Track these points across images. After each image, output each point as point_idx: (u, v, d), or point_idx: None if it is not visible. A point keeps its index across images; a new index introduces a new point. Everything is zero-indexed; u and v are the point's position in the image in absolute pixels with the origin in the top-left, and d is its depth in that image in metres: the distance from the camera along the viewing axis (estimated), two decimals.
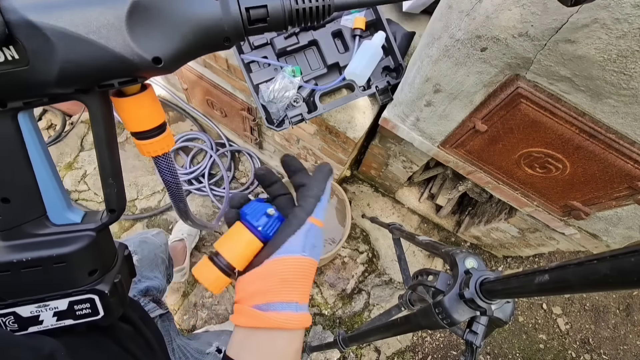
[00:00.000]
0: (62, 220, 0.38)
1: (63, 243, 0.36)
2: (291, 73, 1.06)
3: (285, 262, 0.38)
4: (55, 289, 0.38)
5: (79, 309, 0.39)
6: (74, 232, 0.38)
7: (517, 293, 0.50)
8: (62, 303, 0.38)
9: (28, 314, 0.38)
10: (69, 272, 0.37)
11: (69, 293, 0.38)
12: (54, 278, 0.37)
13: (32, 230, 0.36)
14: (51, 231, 0.37)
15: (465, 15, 0.75)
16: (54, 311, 0.38)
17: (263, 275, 0.38)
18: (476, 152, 1.09)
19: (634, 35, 0.58)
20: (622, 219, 0.97)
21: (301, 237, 0.38)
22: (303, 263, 0.38)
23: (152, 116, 0.37)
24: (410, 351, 1.72)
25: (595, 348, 1.78)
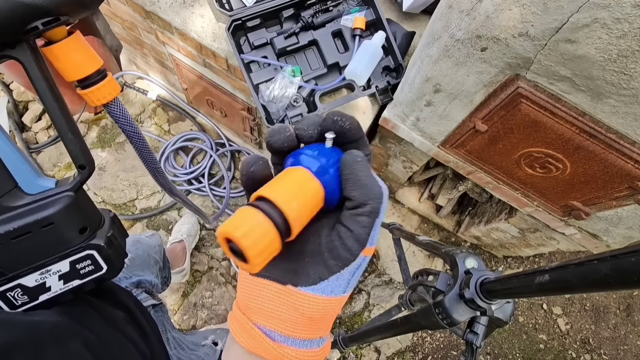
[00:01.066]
0: (36, 189, 0.37)
1: (45, 207, 0.36)
2: (291, 73, 1.06)
3: (318, 302, 0.28)
4: (52, 252, 0.38)
5: (81, 267, 0.40)
6: (52, 196, 0.37)
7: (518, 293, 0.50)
8: (64, 265, 0.39)
9: (34, 283, 0.38)
10: (59, 233, 0.37)
11: (66, 254, 0.38)
12: (47, 241, 0.37)
13: (9, 204, 0.36)
14: (28, 200, 0.36)
15: (466, 15, 0.75)
16: (58, 275, 0.39)
17: (284, 299, 0.29)
18: (476, 152, 1.08)
19: (634, 35, 0.58)
20: (623, 219, 0.97)
21: (347, 276, 0.29)
22: (339, 303, 0.30)
23: (88, 60, 0.37)
24: (411, 351, 1.72)
25: (596, 348, 1.78)
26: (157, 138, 1.95)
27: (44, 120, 1.95)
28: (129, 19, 1.44)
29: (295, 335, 0.29)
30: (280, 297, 0.29)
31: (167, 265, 1.23)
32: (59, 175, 1.90)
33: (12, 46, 0.32)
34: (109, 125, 2.00)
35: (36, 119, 1.94)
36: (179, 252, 1.64)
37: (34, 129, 1.93)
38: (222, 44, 1.17)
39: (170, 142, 1.90)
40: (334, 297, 0.29)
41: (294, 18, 1.09)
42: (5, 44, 0.32)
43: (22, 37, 0.32)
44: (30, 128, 1.93)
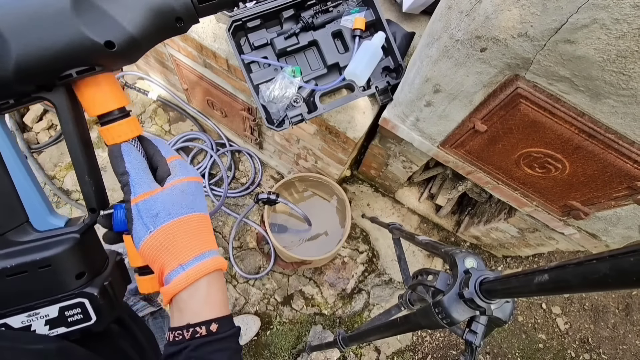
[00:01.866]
0: (45, 226, 0.38)
1: (47, 247, 0.36)
2: (291, 73, 1.06)
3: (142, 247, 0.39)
4: (43, 295, 0.37)
5: (70, 314, 0.38)
6: (58, 236, 0.37)
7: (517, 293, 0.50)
8: (53, 310, 0.37)
9: (19, 325, 0.37)
10: (55, 276, 0.36)
11: (58, 298, 0.37)
12: (41, 283, 0.36)
13: (16, 238, 0.36)
14: (34, 237, 0.36)
15: (465, 16, 0.75)
16: (45, 319, 0.37)
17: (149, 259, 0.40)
18: (476, 152, 1.09)
19: (633, 36, 0.58)
20: (622, 219, 0.98)
21: (138, 224, 0.39)
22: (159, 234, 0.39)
23: (112, 97, 0.37)
24: (410, 351, 1.72)
25: (595, 347, 1.78)
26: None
27: (45, 121, 1.95)
28: None
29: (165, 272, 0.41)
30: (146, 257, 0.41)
31: None
32: (59, 175, 1.90)
33: (48, 89, 0.33)
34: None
35: (37, 119, 1.94)
36: None
37: (35, 129, 1.93)
38: (223, 45, 1.17)
39: (171, 143, 1.90)
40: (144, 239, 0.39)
41: (294, 19, 1.10)
42: (42, 87, 0.33)
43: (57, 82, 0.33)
44: (31, 128, 1.93)
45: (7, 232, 0.35)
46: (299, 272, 1.78)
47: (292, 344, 1.68)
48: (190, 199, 0.41)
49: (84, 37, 0.30)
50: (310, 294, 1.76)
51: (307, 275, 1.79)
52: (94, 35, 0.30)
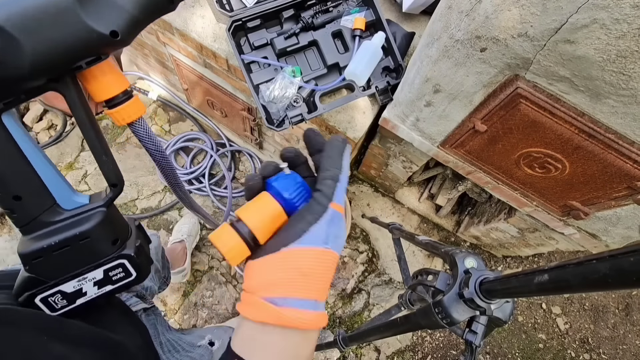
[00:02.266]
0: (73, 205, 0.41)
1: (81, 222, 0.41)
2: (291, 73, 1.06)
3: (306, 254, 0.34)
4: (88, 262, 0.42)
5: (113, 274, 0.45)
6: (87, 212, 0.42)
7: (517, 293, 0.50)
8: (98, 273, 0.44)
9: (72, 289, 0.43)
10: (95, 246, 0.42)
11: (100, 263, 0.43)
12: (84, 253, 0.42)
13: (49, 219, 0.40)
14: (66, 216, 0.40)
15: (465, 16, 0.75)
16: (93, 281, 0.44)
17: (280, 264, 0.34)
18: (476, 152, 1.09)
19: (633, 36, 0.58)
20: (621, 219, 0.98)
21: (324, 226, 0.35)
22: (326, 256, 0.35)
23: (116, 81, 0.39)
24: (410, 351, 1.72)
25: (595, 348, 1.78)
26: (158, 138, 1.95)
27: (45, 121, 1.95)
28: None
29: (291, 295, 0.34)
30: (275, 263, 0.34)
31: (167, 265, 1.23)
32: None
33: (56, 80, 0.35)
34: (109, 126, 2.01)
35: (37, 119, 1.94)
36: (180, 252, 1.64)
37: (35, 129, 1.93)
38: (223, 45, 1.17)
39: (171, 143, 1.90)
40: (318, 248, 0.34)
41: (294, 19, 1.10)
42: (51, 79, 0.34)
43: (67, 74, 0.35)
44: (31, 128, 1.93)
45: (40, 215, 0.39)
46: None
47: None
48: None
49: (92, 30, 0.32)
50: None
51: None
52: (100, 28, 0.32)
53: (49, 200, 0.39)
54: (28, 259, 0.39)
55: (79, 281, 0.43)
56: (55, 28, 0.31)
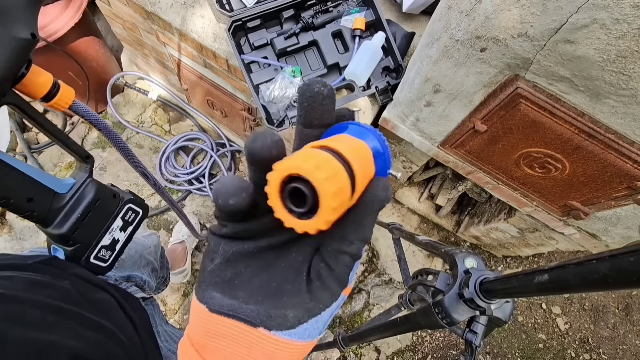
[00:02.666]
0: (67, 188, 0.50)
1: (85, 194, 0.51)
2: (291, 73, 1.06)
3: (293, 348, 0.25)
4: (108, 217, 0.55)
5: (128, 217, 0.58)
6: (81, 186, 0.51)
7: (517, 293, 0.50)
8: (118, 221, 0.56)
9: (109, 241, 0.56)
10: (105, 203, 0.54)
11: (116, 214, 0.56)
12: (102, 212, 0.54)
13: (59, 205, 0.49)
14: (68, 198, 0.50)
15: (465, 16, 0.75)
16: (118, 229, 0.57)
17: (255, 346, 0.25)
18: (476, 152, 1.09)
19: (633, 36, 0.58)
20: (622, 219, 0.98)
21: (325, 318, 0.26)
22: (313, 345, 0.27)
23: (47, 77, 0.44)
24: (410, 351, 1.72)
25: (595, 348, 1.78)
26: (158, 138, 1.96)
27: None
28: (129, 20, 1.45)
29: None
30: (248, 341, 0.25)
31: (166, 265, 1.23)
32: (59, 175, 1.90)
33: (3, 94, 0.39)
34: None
35: None
36: (180, 253, 1.64)
37: (34, 129, 1.93)
38: (223, 45, 1.17)
39: (171, 142, 1.90)
40: (311, 342, 0.26)
41: (294, 19, 1.10)
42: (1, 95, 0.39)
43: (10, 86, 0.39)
44: (31, 129, 1.93)
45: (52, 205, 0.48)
46: None
47: None
48: None
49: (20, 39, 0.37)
50: None
51: None
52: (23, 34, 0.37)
53: (50, 192, 0.47)
54: (69, 235, 0.49)
55: (110, 233, 0.55)
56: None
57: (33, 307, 0.39)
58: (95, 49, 1.74)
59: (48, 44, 1.43)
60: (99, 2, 1.51)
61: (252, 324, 0.24)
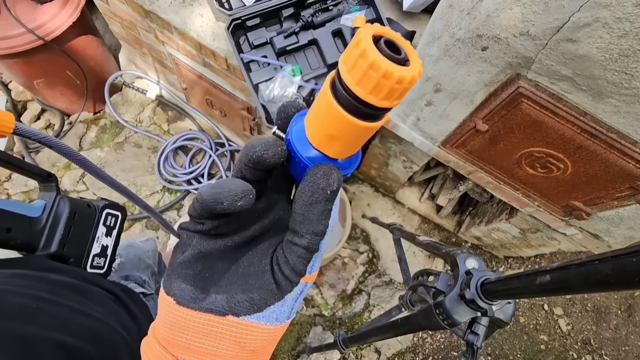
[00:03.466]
0: (38, 212, 0.51)
1: (61, 211, 0.52)
2: (291, 72, 1.05)
3: (262, 332, 0.26)
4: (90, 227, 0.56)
5: (109, 222, 0.59)
6: (53, 206, 0.52)
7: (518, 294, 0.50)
8: (101, 228, 0.58)
9: (99, 249, 0.57)
10: (83, 214, 0.55)
11: (97, 222, 0.57)
12: (83, 224, 0.55)
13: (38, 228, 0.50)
14: (44, 219, 0.50)
15: (466, 14, 0.74)
16: (103, 234, 0.58)
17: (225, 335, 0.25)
18: (477, 152, 1.08)
19: (635, 35, 0.57)
20: (624, 219, 0.97)
21: (289, 302, 0.27)
22: (280, 332, 0.28)
23: None
24: (411, 352, 1.71)
25: (597, 349, 1.77)
26: (157, 138, 1.95)
27: (43, 120, 1.95)
28: (128, 19, 1.44)
29: None
30: (217, 332, 0.25)
31: (164, 270, 1.23)
32: (57, 174, 1.90)
33: None
34: (107, 125, 2.00)
35: (35, 118, 1.94)
36: None
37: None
38: (222, 44, 1.17)
39: (170, 142, 1.90)
40: (279, 326, 0.26)
41: (293, 17, 1.09)
42: None
43: None
44: None
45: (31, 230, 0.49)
46: None
47: (291, 345, 1.67)
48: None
49: None
50: (310, 295, 1.76)
51: None
52: None
53: (24, 218, 0.48)
54: (60, 253, 0.51)
55: (97, 240, 0.57)
56: None
57: (12, 296, 0.38)
58: (94, 48, 1.74)
59: (46, 42, 1.42)
60: (97, 1, 1.51)
61: (221, 313, 0.25)
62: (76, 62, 1.62)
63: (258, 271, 0.27)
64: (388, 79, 0.19)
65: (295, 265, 0.25)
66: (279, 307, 0.26)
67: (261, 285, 0.26)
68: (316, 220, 0.25)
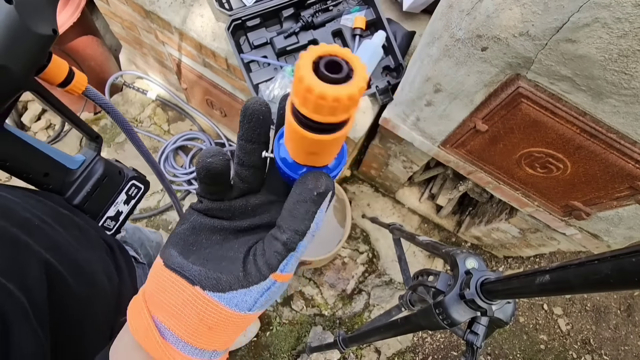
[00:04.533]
0: (77, 164, 0.55)
1: (95, 171, 0.56)
2: (291, 73, 1.05)
3: (220, 313, 0.27)
4: (114, 192, 0.60)
5: (131, 192, 0.63)
6: (90, 164, 0.56)
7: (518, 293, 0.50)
8: (122, 196, 0.62)
9: (114, 212, 0.61)
10: (112, 179, 0.59)
11: (120, 190, 0.61)
12: (108, 187, 0.59)
13: (70, 179, 0.54)
14: (79, 173, 0.55)
15: (466, 15, 0.74)
16: (122, 202, 0.62)
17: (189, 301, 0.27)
18: (477, 152, 1.08)
19: (635, 35, 0.57)
20: (623, 219, 0.97)
21: (254, 294, 0.27)
22: (241, 321, 0.29)
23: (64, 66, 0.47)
24: (411, 352, 1.71)
25: (596, 349, 1.77)
26: (157, 138, 1.95)
27: (44, 120, 1.95)
28: (128, 19, 1.44)
29: (189, 341, 0.28)
30: (185, 297, 0.27)
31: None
32: None
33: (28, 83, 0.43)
34: (108, 125, 2.00)
35: (35, 118, 1.94)
36: None
37: (33, 128, 1.92)
38: (222, 44, 1.17)
39: (170, 142, 1.90)
40: (238, 313, 0.27)
41: (293, 17, 1.09)
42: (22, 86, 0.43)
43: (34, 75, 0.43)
44: (29, 128, 1.93)
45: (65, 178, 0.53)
46: (298, 272, 1.78)
47: (292, 345, 1.67)
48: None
49: (42, 36, 0.40)
50: (310, 295, 1.76)
51: (307, 275, 1.79)
52: (46, 31, 0.40)
53: (63, 167, 0.53)
54: (81, 207, 0.55)
55: (115, 205, 0.61)
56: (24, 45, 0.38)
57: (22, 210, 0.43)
58: (94, 48, 1.74)
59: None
60: (97, 1, 1.51)
61: (192, 282, 0.27)
62: (77, 62, 1.62)
63: (233, 256, 0.29)
64: (324, 100, 0.20)
65: (269, 259, 0.27)
66: (241, 294, 0.27)
67: (231, 270, 0.28)
68: (300, 219, 0.26)
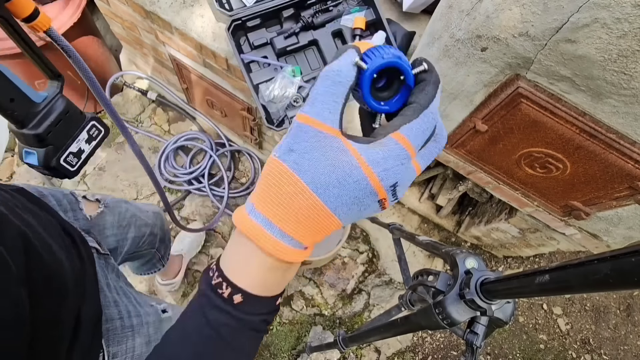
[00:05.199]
0: (41, 98, 0.57)
1: (57, 105, 0.58)
2: (291, 73, 1.05)
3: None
4: (76, 128, 0.62)
5: (92, 132, 0.65)
6: (53, 99, 0.58)
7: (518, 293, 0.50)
8: (84, 134, 0.63)
9: (76, 149, 0.62)
10: (74, 115, 0.61)
11: (82, 127, 0.63)
12: (71, 122, 0.61)
13: (34, 110, 0.56)
14: (42, 107, 0.57)
15: (466, 15, 0.75)
16: (84, 140, 0.63)
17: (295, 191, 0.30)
18: (476, 152, 1.08)
19: (634, 35, 0.57)
20: (623, 219, 0.97)
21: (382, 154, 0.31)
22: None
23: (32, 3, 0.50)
24: (411, 351, 1.72)
25: (596, 348, 1.78)
26: (157, 138, 1.95)
27: None
28: (128, 19, 1.44)
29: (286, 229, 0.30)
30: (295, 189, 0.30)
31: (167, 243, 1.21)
32: None
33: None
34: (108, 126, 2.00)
35: None
36: (175, 265, 1.60)
37: None
38: (222, 44, 1.17)
39: (170, 142, 1.90)
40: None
41: (294, 18, 1.09)
42: None
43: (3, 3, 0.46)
44: None
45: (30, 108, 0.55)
46: (298, 272, 1.78)
47: (292, 345, 1.67)
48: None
49: None
50: (310, 295, 1.76)
51: (307, 275, 1.79)
52: None
53: (27, 98, 0.54)
54: (44, 136, 0.56)
55: (77, 142, 0.62)
56: None
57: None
58: (94, 48, 1.74)
59: (47, 43, 1.42)
60: (98, 1, 1.51)
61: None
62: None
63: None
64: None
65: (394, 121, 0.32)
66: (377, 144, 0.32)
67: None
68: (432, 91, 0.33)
